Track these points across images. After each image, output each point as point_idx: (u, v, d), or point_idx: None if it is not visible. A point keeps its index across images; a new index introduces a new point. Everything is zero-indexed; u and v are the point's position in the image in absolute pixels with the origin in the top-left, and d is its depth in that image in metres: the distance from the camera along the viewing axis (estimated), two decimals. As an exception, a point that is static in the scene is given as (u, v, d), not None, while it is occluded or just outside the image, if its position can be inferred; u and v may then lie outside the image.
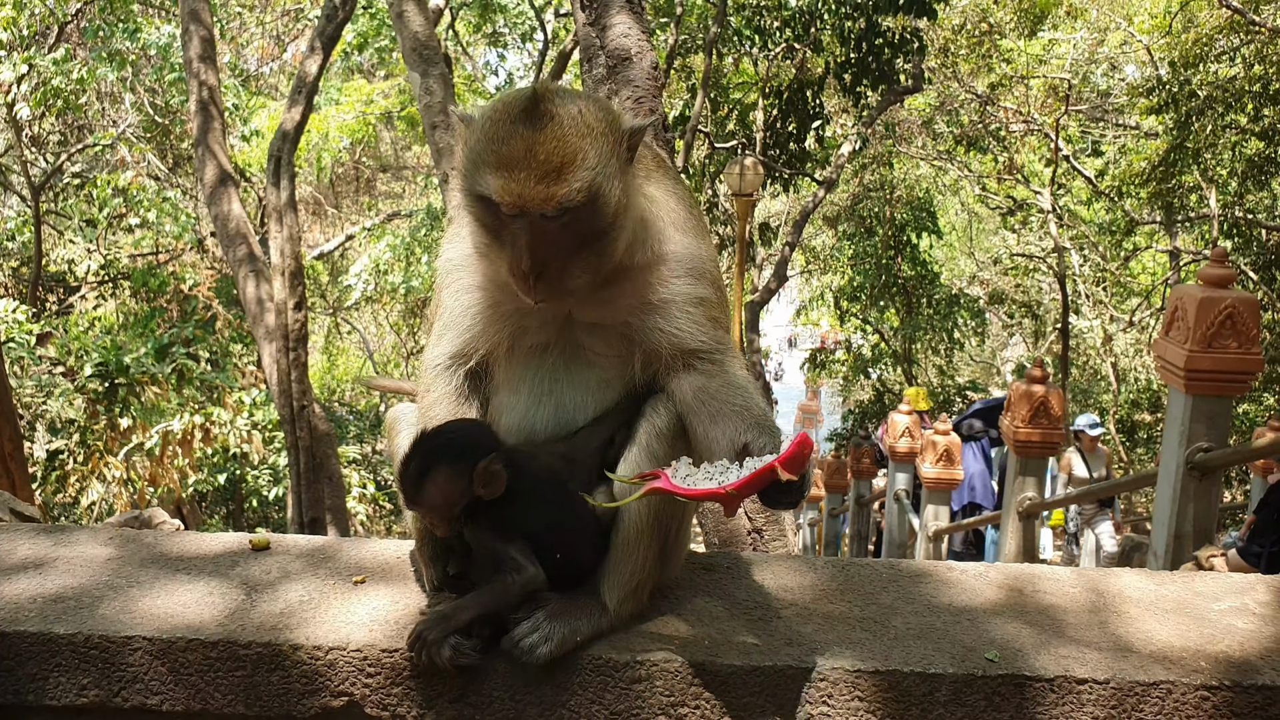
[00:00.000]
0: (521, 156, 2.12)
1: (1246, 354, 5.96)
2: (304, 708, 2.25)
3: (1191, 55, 18.51)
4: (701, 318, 2.38)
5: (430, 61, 8.89)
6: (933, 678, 2.18)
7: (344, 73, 24.45)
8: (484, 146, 2.18)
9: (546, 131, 2.13)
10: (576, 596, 2.29)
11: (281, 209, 11.80)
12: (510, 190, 2.13)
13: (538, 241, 2.17)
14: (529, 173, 2.12)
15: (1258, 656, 2.27)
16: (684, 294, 2.37)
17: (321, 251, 24.08)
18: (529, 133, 2.14)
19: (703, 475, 2.12)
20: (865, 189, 26.31)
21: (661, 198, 2.42)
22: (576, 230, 2.18)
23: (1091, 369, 28.37)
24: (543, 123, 2.14)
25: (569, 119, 2.16)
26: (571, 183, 2.12)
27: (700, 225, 2.50)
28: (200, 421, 15.50)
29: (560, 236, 2.18)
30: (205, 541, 2.80)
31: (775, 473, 2.04)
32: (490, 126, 2.19)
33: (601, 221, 2.20)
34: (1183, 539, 6.19)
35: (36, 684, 2.26)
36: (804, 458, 2.06)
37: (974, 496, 11.21)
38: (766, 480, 2.05)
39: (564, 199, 2.12)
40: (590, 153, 2.15)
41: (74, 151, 20.86)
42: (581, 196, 2.14)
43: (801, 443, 2.06)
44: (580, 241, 2.20)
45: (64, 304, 20.81)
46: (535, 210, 2.14)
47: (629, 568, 2.32)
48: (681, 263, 2.39)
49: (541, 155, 2.12)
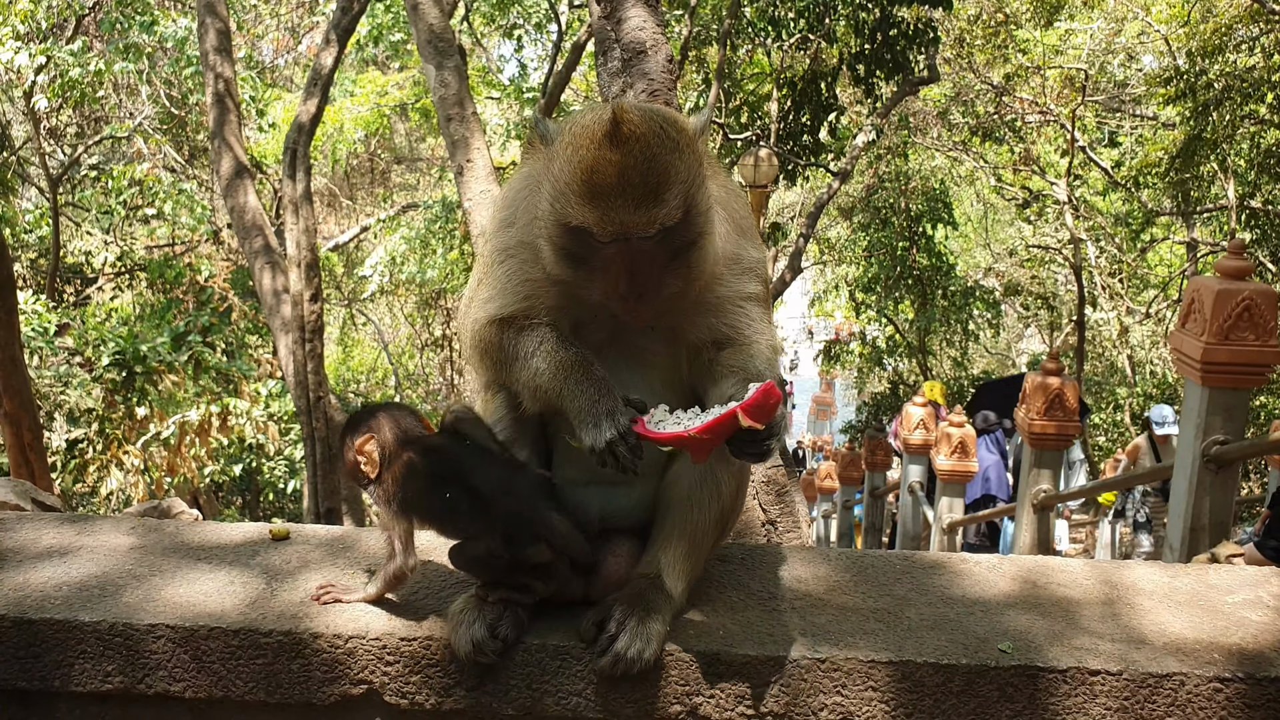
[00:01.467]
0: (615, 183, 2.06)
1: (1264, 346, 5.92)
2: (324, 695, 2.28)
3: (1210, 45, 18.36)
4: (751, 313, 2.40)
5: (445, 54, 8.90)
6: (946, 668, 2.19)
7: (359, 64, 24.49)
8: (570, 176, 2.11)
9: (635, 154, 2.08)
10: (642, 590, 2.30)
11: (297, 201, 11.86)
12: (610, 220, 2.08)
13: (637, 264, 2.12)
14: (625, 199, 2.07)
15: (1271, 649, 2.27)
16: (737, 292, 2.38)
17: (337, 243, 24.16)
18: (618, 157, 2.07)
19: (672, 421, 2.15)
20: (880, 180, 26.21)
21: (723, 198, 2.40)
22: (670, 245, 2.16)
23: (1108, 361, 28.23)
24: (630, 145, 2.08)
25: (653, 136, 2.11)
26: (670, 201, 2.10)
27: (753, 225, 2.50)
28: (217, 411, 15.60)
29: (656, 253, 2.14)
30: (226, 531, 2.84)
31: (737, 419, 2.05)
32: (573, 154, 2.12)
33: (693, 231, 2.18)
34: (1199, 532, 6.16)
35: (62, 671, 2.30)
36: (770, 407, 2.07)
37: (988, 489, 11.18)
38: (730, 427, 2.07)
39: (664, 220, 2.10)
40: (680, 167, 2.13)
41: (91, 144, 20.97)
42: (679, 214, 2.12)
43: (767, 391, 2.07)
44: (673, 254, 2.17)
45: (81, 295, 20.94)
46: (636, 234, 2.11)
47: (693, 560, 2.39)
48: (738, 263, 2.40)
49: (636, 179, 2.07)
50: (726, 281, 2.37)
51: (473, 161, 8.39)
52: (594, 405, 2.17)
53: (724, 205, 2.40)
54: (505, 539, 2.23)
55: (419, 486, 2.30)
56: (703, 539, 2.40)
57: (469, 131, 8.57)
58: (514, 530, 2.23)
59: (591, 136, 2.11)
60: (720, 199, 2.38)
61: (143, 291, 20.91)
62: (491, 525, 2.24)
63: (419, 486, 2.30)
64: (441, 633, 2.27)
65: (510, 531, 2.23)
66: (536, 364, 2.30)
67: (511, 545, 2.23)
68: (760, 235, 2.97)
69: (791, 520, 4.76)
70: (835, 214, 28.45)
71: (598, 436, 2.13)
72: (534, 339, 2.33)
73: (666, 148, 2.12)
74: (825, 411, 46.37)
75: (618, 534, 2.46)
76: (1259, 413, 19.38)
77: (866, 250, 26.97)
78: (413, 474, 2.31)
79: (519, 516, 2.23)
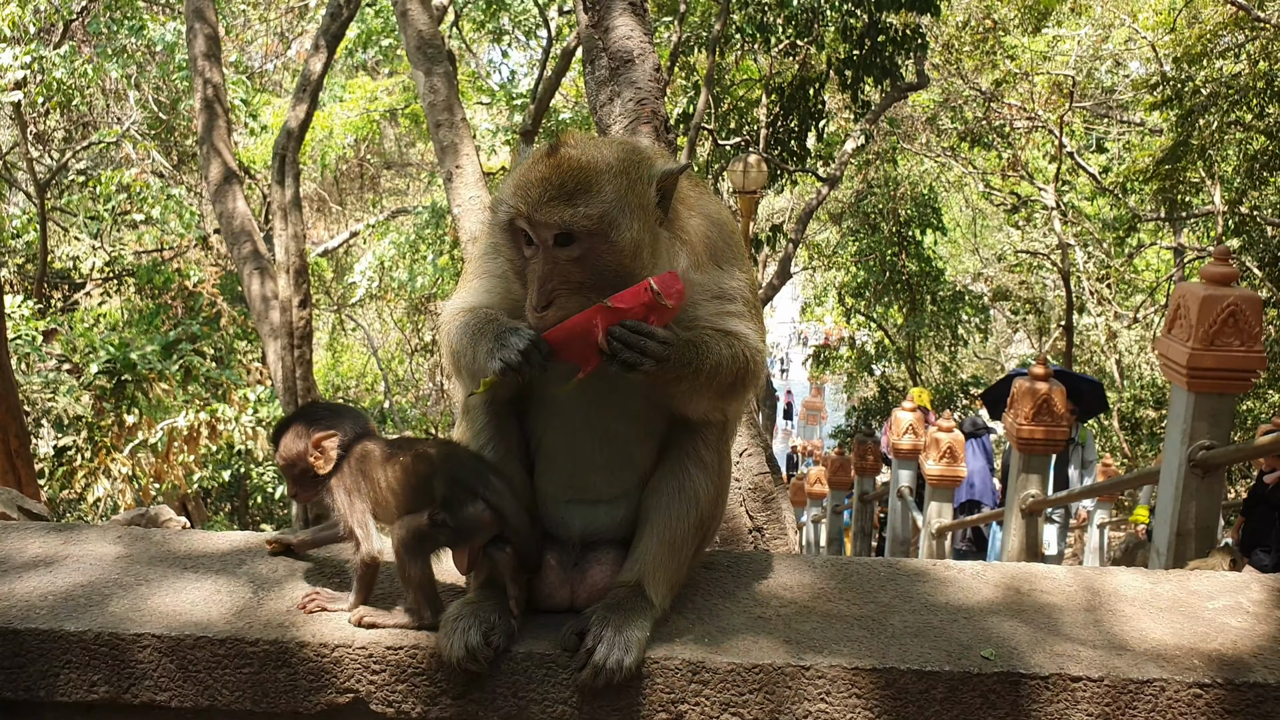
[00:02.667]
0: (537, 182, 2.23)
1: (1249, 352, 5.96)
2: (310, 704, 2.29)
3: (1196, 51, 18.49)
4: (734, 322, 2.41)
5: (434, 59, 8.92)
6: (929, 675, 2.21)
7: (348, 70, 24.47)
8: (511, 180, 2.31)
9: (563, 164, 2.24)
10: (622, 599, 2.32)
11: (286, 207, 11.85)
12: (522, 206, 2.22)
13: (548, 273, 2.21)
14: (542, 193, 2.21)
15: (1250, 654, 2.29)
16: (718, 311, 2.41)
17: (326, 249, 24.14)
18: (547, 163, 2.26)
19: None
20: (869, 185, 26.31)
21: (704, 231, 2.44)
22: (591, 265, 2.21)
23: (1096, 366, 28.36)
24: (562, 157, 2.26)
25: (586, 156, 2.27)
26: (580, 208, 2.19)
27: (739, 255, 2.52)
28: (205, 418, 15.55)
29: (571, 271, 2.22)
30: (212, 540, 2.84)
31: (650, 289, 2.13)
32: (521, 165, 2.33)
33: (617, 258, 2.22)
34: (1185, 537, 6.19)
35: (47, 680, 2.30)
36: (678, 291, 2.18)
37: (973, 494, 11.22)
38: (642, 299, 2.13)
39: (569, 221, 2.18)
40: (606, 188, 2.22)
41: (79, 149, 20.91)
42: (589, 223, 2.19)
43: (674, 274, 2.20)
44: (596, 277, 2.22)
45: (69, 301, 20.87)
46: (543, 229, 2.20)
47: (673, 567, 2.41)
48: (711, 290, 2.42)
49: (556, 181, 2.22)
50: (700, 304, 2.39)
51: (462, 167, 8.41)
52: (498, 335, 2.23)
53: (700, 234, 2.42)
54: (444, 501, 2.26)
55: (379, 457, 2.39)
56: (682, 546, 2.41)
57: (458, 137, 8.59)
58: (453, 492, 2.27)
59: (536, 153, 2.31)
60: (696, 229, 2.41)
61: (131, 297, 20.84)
62: (430, 491, 2.29)
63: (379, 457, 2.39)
64: (428, 641, 2.28)
65: (449, 494, 2.27)
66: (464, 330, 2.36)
67: (450, 507, 2.26)
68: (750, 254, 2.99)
69: (778, 527, 4.77)
70: (825, 219, 28.53)
71: (507, 354, 2.16)
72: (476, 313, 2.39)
73: (598, 168, 2.24)
74: (815, 416, 46.44)
75: (602, 543, 2.48)
76: (1245, 417, 19.48)
77: (856, 256, 27.06)
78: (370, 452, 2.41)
79: (455, 477, 2.29)
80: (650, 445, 2.47)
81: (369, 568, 2.38)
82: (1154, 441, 23.71)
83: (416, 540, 2.29)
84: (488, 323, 2.31)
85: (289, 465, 2.46)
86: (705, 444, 2.46)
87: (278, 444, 2.48)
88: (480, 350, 2.26)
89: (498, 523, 2.28)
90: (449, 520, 2.26)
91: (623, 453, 2.44)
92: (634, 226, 2.23)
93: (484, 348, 2.25)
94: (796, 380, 50.87)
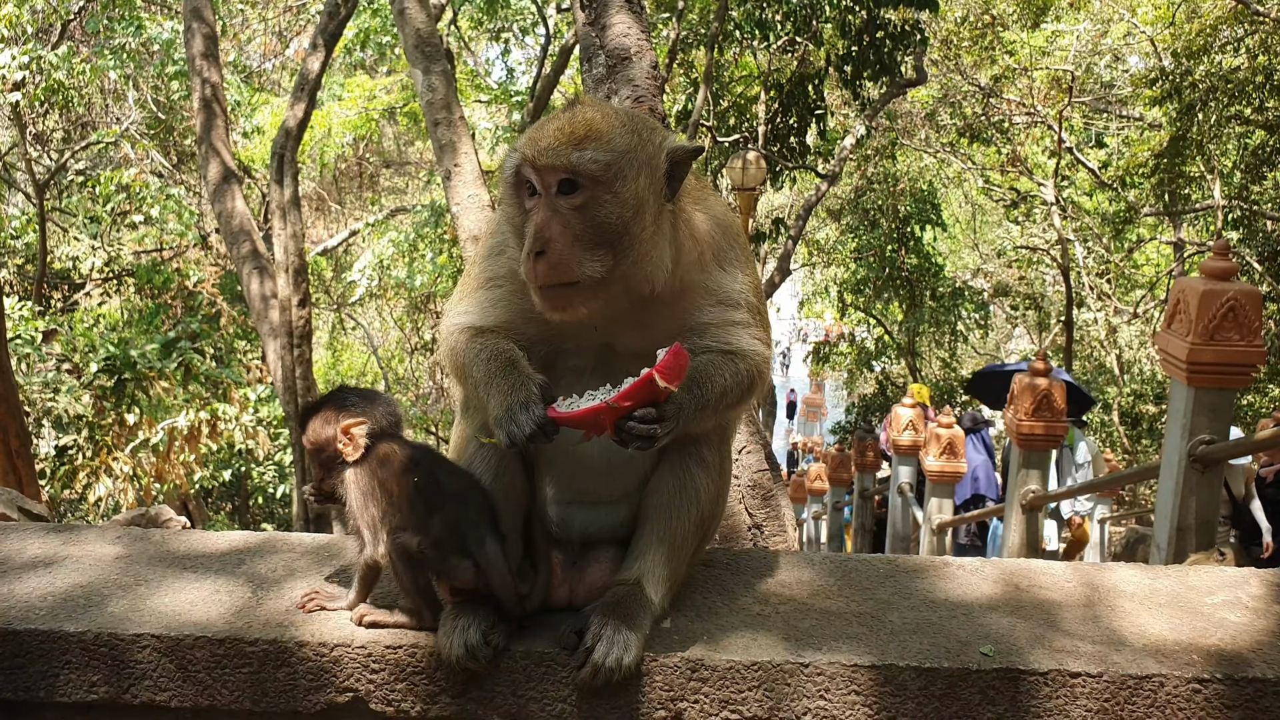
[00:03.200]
0: (550, 130, 2.24)
1: (1249, 346, 5.95)
2: (309, 704, 2.29)
3: (1195, 46, 18.47)
4: (737, 332, 2.42)
5: (432, 58, 8.90)
6: (928, 672, 2.21)
7: (346, 68, 24.45)
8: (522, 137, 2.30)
9: (577, 116, 2.26)
10: (621, 598, 2.31)
11: (285, 206, 11.85)
12: (529, 151, 2.21)
13: (546, 219, 2.19)
14: (551, 137, 2.22)
15: (1249, 649, 2.29)
16: (719, 318, 2.41)
17: (325, 248, 24.12)
18: (562, 116, 2.29)
19: (585, 399, 2.17)
20: (868, 182, 26.29)
21: (707, 229, 2.43)
22: (591, 217, 2.20)
23: (1096, 361, 28.36)
24: (575, 110, 2.29)
25: (604, 111, 2.29)
26: (589, 151, 2.19)
27: (743, 256, 2.50)
28: (206, 418, 15.56)
29: (571, 220, 2.19)
30: (211, 540, 2.84)
31: (654, 382, 2.09)
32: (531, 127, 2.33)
33: (619, 213, 2.21)
34: (1185, 531, 6.19)
35: (47, 681, 2.30)
36: (680, 367, 2.13)
37: (978, 488, 11.22)
38: (647, 390, 2.10)
39: (575, 164, 2.18)
40: (617, 139, 2.23)
41: (78, 149, 20.90)
42: (596, 168, 2.18)
43: (676, 353, 2.13)
44: (595, 232, 2.20)
45: (69, 301, 20.87)
46: (546, 173, 2.20)
47: (673, 565, 2.41)
48: (715, 294, 2.42)
49: (568, 129, 2.23)
50: (705, 310, 2.40)
51: (460, 166, 8.39)
52: (508, 398, 2.19)
53: (705, 234, 2.42)
54: (435, 542, 2.24)
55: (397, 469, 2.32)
56: (682, 545, 2.41)
57: (456, 135, 8.57)
58: (447, 537, 2.24)
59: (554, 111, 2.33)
60: (701, 227, 2.41)
61: (131, 297, 20.84)
62: (429, 525, 2.25)
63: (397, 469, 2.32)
64: (427, 640, 2.28)
65: (443, 537, 2.24)
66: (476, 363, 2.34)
67: (439, 550, 2.24)
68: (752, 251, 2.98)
69: (777, 524, 4.77)
70: (824, 216, 28.52)
71: (515, 431, 2.14)
72: (486, 342, 2.37)
73: (611, 122, 2.25)
74: (815, 413, 46.41)
75: (602, 542, 2.47)
76: (1245, 412, 19.48)
77: (855, 252, 27.04)
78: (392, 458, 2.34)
79: (456, 527, 2.24)
80: None
81: (372, 569, 2.37)
82: (1154, 436, 23.73)
83: (403, 557, 2.29)
84: (508, 369, 2.26)
85: (316, 449, 2.41)
86: (707, 444, 2.46)
87: (305, 426, 2.44)
88: (492, 401, 2.23)
89: (481, 582, 2.25)
90: (433, 561, 2.25)
91: (623, 456, 2.41)
92: (640, 182, 2.23)
93: (496, 403, 2.21)
94: (798, 377, 50.87)
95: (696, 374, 2.29)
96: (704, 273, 2.40)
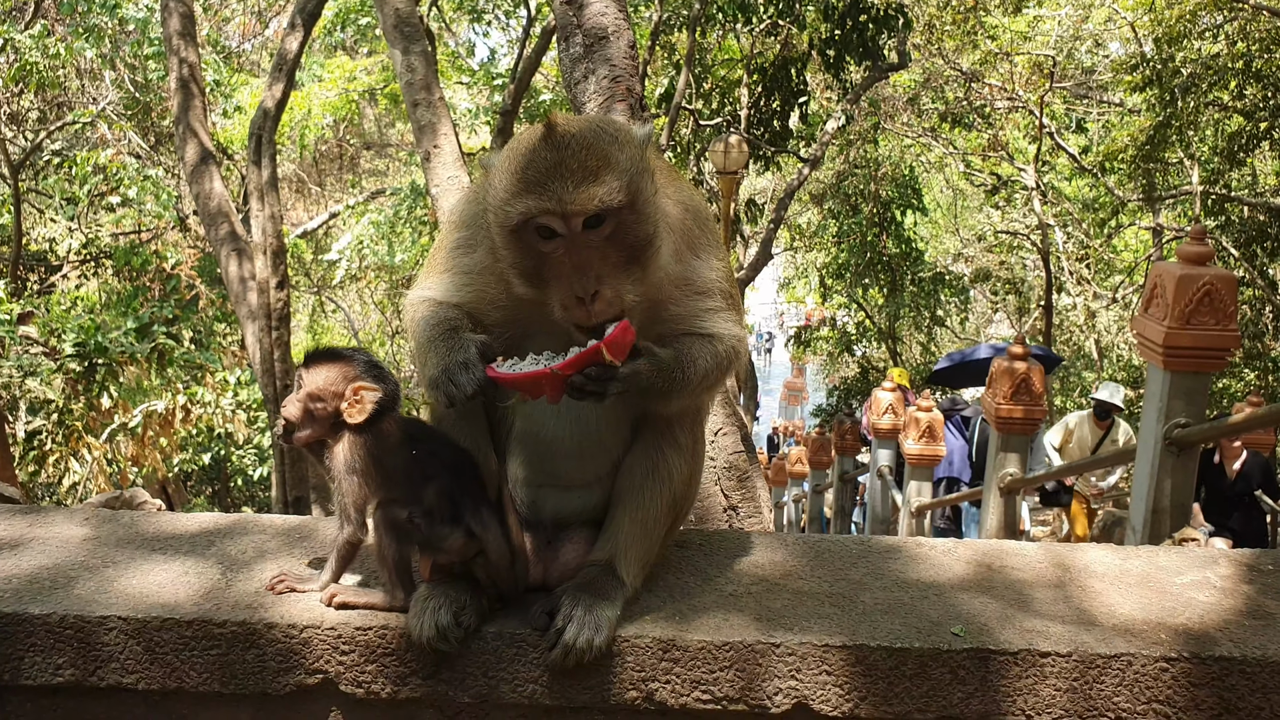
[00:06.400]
0: (553, 169, 2.09)
1: (1224, 330, 6.00)
2: (279, 685, 2.27)
3: (1175, 32, 18.54)
4: (712, 317, 2.40)
5: (411, 38, 8.82)
6: (899, 652, 2.21)
7: (326, 49, 24.25)
8: (510, 179, 2.14)
9: (571, 144, 2.11)
10: (593, 578, 2.31)
11: (263, 188, 11.75)
12: (546, 203, 2.09)
13: (586, 259, 2.12)
14: (563, 181, 2.08)
15: (1216, 628, 2.31)
16: (696, 307, 2.39)
17: (305, 230, 23.96)
18: (553, 152, 2.11)
19: (528, 363, 2.16)
20: (850, 166, 26.31)
21: (679, 216, 2.39)
22: (622, 241, 2.15)
23: (1075, 345, 28.54)
24: (565, 139, 2.12)
25: (589, 131, 2.16)
26: (608, 182, 2.10)
27: (715, 241, 2.47)
28: (183, 402, 15.46)
29: (607, 251, 2.14)
30: (182, 521, 2.81)
31: (600, 354, 2.09)
32: (511, 161, 2.16)
33: (645, 227, 2.17)
34: (1160, 514, 6.25)
35: (12, 664, 2.28)
36: (627, 344, 2.13)
37: (951, 471, 11.29)
38: (591, 363, 2.09)
39: (605, 199, 2.09)
40: (620, 157, 2.14)
41: (53, 129, 20.66)
42: (622, 195, 2.11)
43: (624, 328, 2.12)
44: (628, 254, 2.16)
45: (46, 283, 20.67)
46: (576, 217, 2.10)
47: (646, 546, 2.40)
48: (692, 283, 2.39)
49: (574, 164, 2.09)
50: (680, 301, 2.37)
51: (440, 147, 8.34)
52: (446, 358, 2.17)
53: (678, 222, 2.39)
54: (427, 511, 2.22)
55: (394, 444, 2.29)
56: (654, 525, 2.41)
57: (436, 117, 8.52)
58: (439, 506, 2.22)
59: (528, 143, 2.16)
60: (674, 216, 2.37)
61: (109, 279, 20.67)
62: (422, 494, 2.23)
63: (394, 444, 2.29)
64: (397, 621, 2.27)
65: (435, 506, 2.22)
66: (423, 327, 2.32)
67: (430, 519, 2.22)
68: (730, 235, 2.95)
69: (753, 505, 4.78)
70: (806, 200, 28.53)
71: (454, 391, 2.12)
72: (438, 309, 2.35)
73: (604, 140, 2.15)
74: (796, 397, 46.57)
75: (575, 523, 2.47)
76: (1221, 396, 19.65)
77: (837, 236, 27.08)
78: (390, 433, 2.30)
79: (451, 496, 2.23)
80: (623, 430, 2.45)
81: (350, 547, 2.35)
82: (1132, 421, 23.89)
83: (391, 528, 2.27)
84: (449, 334, 2.24)
85: (315, 397, 2.30)
86: (680, 425, 2.45)
87: (311, 367, 2.34)
88: (430, 361, 2.21)
89: (472, 552, 2.24)
90: (422, 530, 2.23)
91: (595, 439, 2.42)
92: (650, 189, 2.20)
93: (433, 363, 2.19)
94: (779, 362, 50.99)
95: (678, 354, 2.29)
96: (679, 262, 2.38)
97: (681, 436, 2.45)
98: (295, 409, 2.33)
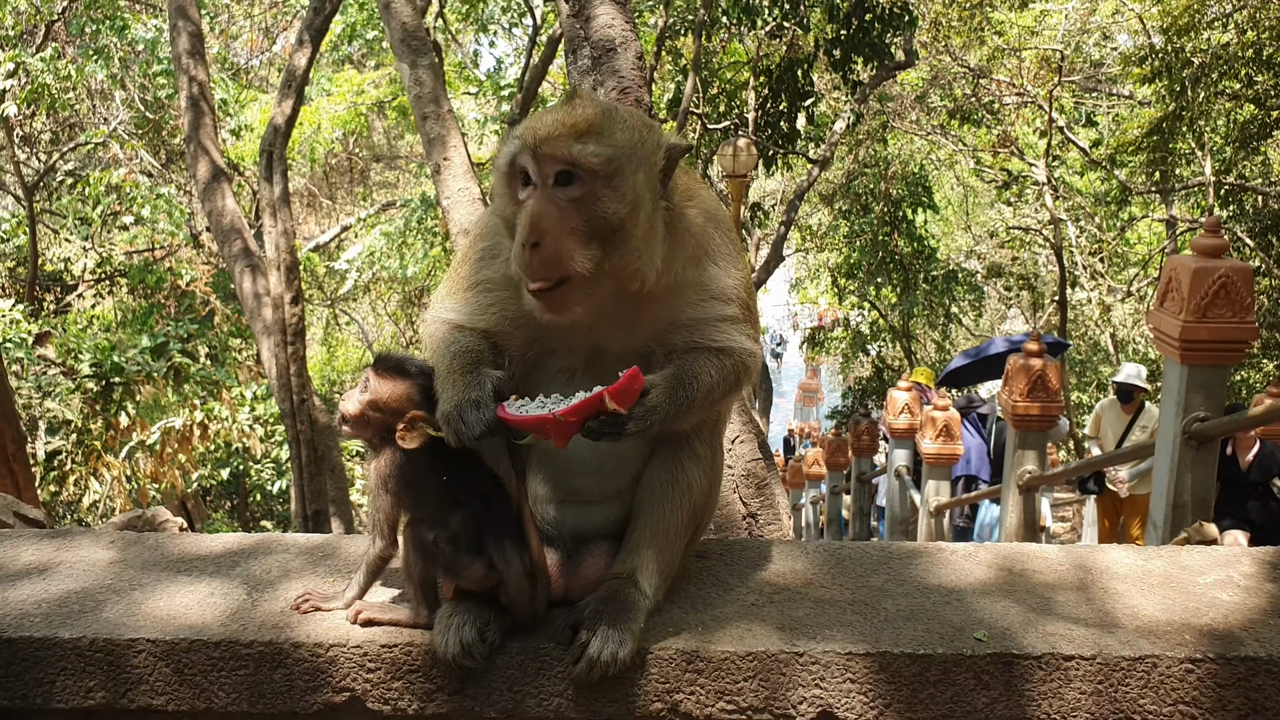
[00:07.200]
0: (550, 120, 2.21)
1: (1241, 323, 5.96)
2: (307, 704, 2.29)
3: (1184, 22, 18.42)
4: (726, 328, 2.41)
5: (419, 51, 8.87)
6: (922, 658, 2.22)
7: (334, 63, 24.37)
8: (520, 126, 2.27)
9: (578, 107, 2.23)
10: (615, 591, 2.31)
11: (275, 204, 11.81)
12: (529, 139, 2.18)
13: (544, 210, 2.17)
14: (552, 129, 2.18)
15: (1241, 628, 2.30)
16: (711, 313, 2.40)
17: (317, 243, 24.07)
18: (563, 106, 2.25)
19: (536, 405, 2.17)
20: (860, 166, 26.27)
21: (700, 224, 2.41)
22: (588, 211, 2.17)
23: (1090, 340, 28.39)
24: (575, 102, 2.26)
25: (602, 106, 2.27)
26: (590, 144, 2.17)
27: (734, 250, 2.49)
28: (200, 418, 15.54)
29: (569, 213, 2.17)
30: (206, 542, 2.84)
31: (604, 402, 2.10)
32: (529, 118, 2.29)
33: (615, 208, 2.19)
34: (1181, 509, 6.21)
35: (43, 688, 2.31)
36: (634, 392, 2.14)
37: (969, 469, 11.26)
38: (595, 409, 2.11)
39: (577, 155, 2.15)
40: (617, 133, 2.21)
41: (66, 150, 20.83)
42: (596, 161, 2.16)
43: (633, 376, 2.14)
44: (590, 226, 2.18)
45: (62, 303, 20.83)
46: (546, 163, 2.17)
47: (667, 558, 2.41)
48: (708, 290, 2.40)
49: (566, 120, 2.19)
50: (695, 305, 2.38)
51: (450, 159, 8.38)
52: (460, 394, 2.20)
53: (699, 229, 2.41)
54: (451, 537, 2.23)
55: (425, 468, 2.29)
56: (675, 538, 2.41)
57: (445, 129, 8.56)
58: (464, 534, 2.23)
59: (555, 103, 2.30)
60: (695, 225, 2.39)
61: (124, 298, 20.81)
62: (449, 520, 2.24)
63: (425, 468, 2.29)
64: (422, 638, 2.28)
65: (459, 534, 2.23)
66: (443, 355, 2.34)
67: (455, 545, 2.23)
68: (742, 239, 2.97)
69: (772, 512, 4.78)
70: (816, 201, 28.50)
71: (463, 430, 2.15)
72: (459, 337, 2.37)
73: (609, 114, 2.24)
74: (811, 398, 46.49)
75: (596, 536, 2.48)
76: (1239, 388, 19.52)
77: (848, 236, 27.03)
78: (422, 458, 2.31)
79: (476, 525, 2.24)
80: (642, 445, 2.44)
81: (380, 562, 2.38)
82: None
83: (418, 547, 2.29)
84: (468, 368, 2.27)
85: (375, 406, 2.33)
86: (698, 437, 2.46)
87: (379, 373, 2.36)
88: (445, 395, 2.24)
89: (491, 583, 2.25)
90: (445, 555, 2.25)
91: (614, 454, 2.42)
92: (638, 179, 2.22)
93: (447, 398, 2.23)
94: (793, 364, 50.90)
95: (682, 374, 2.30)
96: (697, 269, 2.39)
97: (700, 448, 2.46)
98: (354, 408, 2.37)
